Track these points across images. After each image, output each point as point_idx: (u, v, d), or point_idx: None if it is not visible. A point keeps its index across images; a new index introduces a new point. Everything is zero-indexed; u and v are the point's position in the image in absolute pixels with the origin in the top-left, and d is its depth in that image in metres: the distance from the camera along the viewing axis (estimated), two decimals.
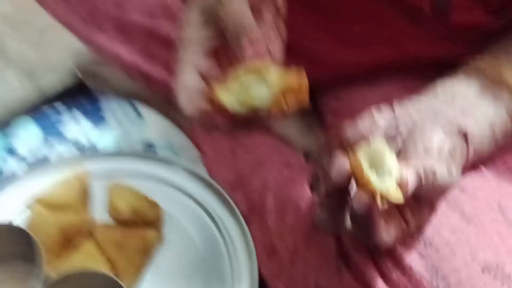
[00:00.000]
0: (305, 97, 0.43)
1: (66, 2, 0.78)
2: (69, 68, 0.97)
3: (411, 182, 0.39)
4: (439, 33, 0.61)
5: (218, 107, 0.44)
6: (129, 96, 0.89)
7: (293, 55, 0.69)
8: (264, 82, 0.42)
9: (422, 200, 0.43)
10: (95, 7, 0.76)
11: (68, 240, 0.62)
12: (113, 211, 0.66)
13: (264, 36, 0.48)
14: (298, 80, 0.43)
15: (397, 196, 0.37)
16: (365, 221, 0.39)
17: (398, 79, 0.68)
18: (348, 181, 0.39)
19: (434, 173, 0.41)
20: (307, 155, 0.48)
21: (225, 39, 0.48)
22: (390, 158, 0.38)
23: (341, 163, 0.38)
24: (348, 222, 0.42)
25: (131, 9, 0.75)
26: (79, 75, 0.94)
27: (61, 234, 0.62)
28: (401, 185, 0.38)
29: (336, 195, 0.40)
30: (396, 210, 0.43)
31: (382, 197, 0.37)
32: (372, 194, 0.37)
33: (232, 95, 0.43)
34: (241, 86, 0.43)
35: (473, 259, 0.45)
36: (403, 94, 0.66)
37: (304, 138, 0.78)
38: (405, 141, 0.45)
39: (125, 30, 0.77)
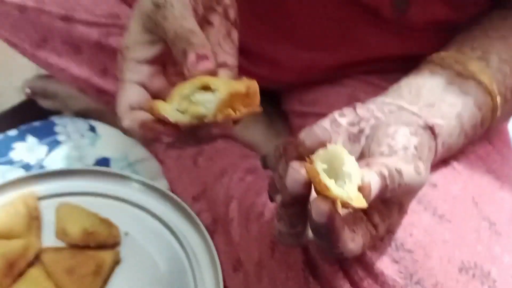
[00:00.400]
0: (254, 101, 0.39)
1: (9, 19, 0.74)
2: (19, 87, 0.92)
3: (374, 184, 0.35)
4: (400, 30, 0.59)
5: (160, 119, 0.39)
6: (82, 112, 0.85)
7: (253, 58, 0.67)
8: (209, 89, 0.38)
9: (390, 201, 0.40)
10: (40, 22, 0.73)
11: (12, 268, 0.56)
12: (61, 233, 0.60)
13: (213, 45, 0.43)
14: (246, 84, 0.38)
15: (359, 201, 0.33)
16: (327, 231, 0.34)
17: (363, 78, 0.65)
18: (305, 190, 0.34)
19: (400, 173, 0.37)
20: (264, 161, 0.43)
21: (167, 46, 0.43)
22: (348, 161, 0.34)
23: (296, 170, 0.34)
24: (310, 233, 0.37)
25: (79, 21, 0.71)
26: (28, 92, 0.89)
27: (3, 261, 0.56)
28: (363, 188, 0.34)
29: (293, 205, 0.36)
30: (362, 214, 0.39)
31: (343, 203, 0.33)
32: (332, 201, 0.33)
33: (174, 104, 0.38)
34: (183, 95, 0.38)
35: (449, 260, 0.42)
36: (368, 92, 0.64)
37: (271, 143, 0.74)
38: (368, 139, 0.42)
39: (73, 43, 0.73)
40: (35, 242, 0.61)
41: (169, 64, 0.45)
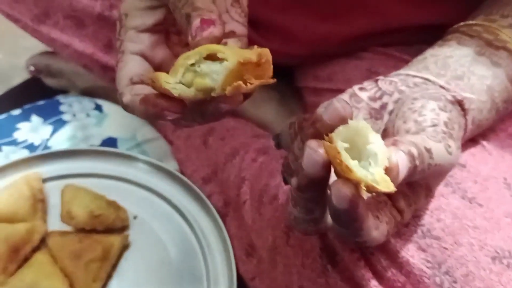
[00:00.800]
0: (267, 72, 0.34)
1: None
2: (18, 68, 0.89)
3: (403, 165, 0.32)
4: None
5: (163, 93, 0.35)
6: (88, 90, 0.82)
7: (264, 31, 0.63)
8: (216, 59, 0.33)
9: (417, 184, 0.37)
10: None
11: (16, 253, 0.54)
12: (66, 216, 0.58)
13: (220, 12, 0.39)
14: (257, 52, 0.34)
15: (385, 184, 0.30)
16: (349, 218, 0.31)
17: (381, 51, 0.62)
18: (324, 172, 0.31)
19: (429, 152, 0.34)
20: (278, 140, 0.39)
21: (170, 11, 0.39)
22: (374, 139, 0.30)
23: (314, 150, 0.30)
24: (328, 219, 0.34)
25: None
26: (32, 70, 0.86)
27: (8, 246, 0.54)
28: (390, 170, 0.31)
29: (311, 188, 0.32)
30: (386, 198, 0.36)
31: (367, 187, 0.29)
32: (355, 185, 0.30)
33: (177, 76, 0.34)
34: (187, 65, 0.34)
35: (481, 248, 0.38)
36: (388, 66, 0.60)
37: (284, 122, 0.71)
38: (392, 115, 0.39)
39: (76, 17, 0.70)
40: (40, 225, 0.59)
41: (172, 32, 0.41)
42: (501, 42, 0.44)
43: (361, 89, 0.41)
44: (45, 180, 0.64)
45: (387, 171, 0.30)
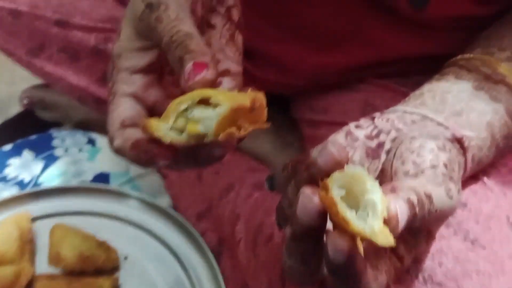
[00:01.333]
0: (261, 116, 0.33)
1: (2, 26, 0.70)
2: (17, 97, 0.88)
3: (402, 214, 0.30)
4: (418, 28, 0.55)
5: (155, 139, 0.34)
6: (83, 123, 0.81)
7: (258, 61, 0.62)
8: (209, 104, 0.32)
9: (418, 230, 0.35)
10: (35, 28, 0.69)
11: None
12: (55, 258, 0.56)
13: (215, 50, 0.38)
14: (251, 97, 0.32)
15: (384, 237, 0.28)
16: (346, 272, 0.29)
17: (378, 82, 0.61)
18: (319, 221, 0.29)
19: (430, 198, 0.32)
20: (271, 182, 0.37)
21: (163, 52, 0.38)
22: (372, 187, 0.29)
23: (308, 198, 0.29)
24: (325, 270, 0.32)
25: (75, 26, 0.67)
26: (26, 103, 0.85)
27: None
28: (389, 220, 0.29)
29: (306, 238, 0.31)
30: (385, 248, 0.33)
31: (366, 239, 0.28)
32: (352, 236, 0.28)
33: (169, 122, 0.33)
34: (179, 111, 0.33)
35: None
36: (385, 98, 0.59)
37: (280, 155, 0.70)
38: (389, 155, 0.38)
39: (70, 50, 0.69)
40: (27, 268, 0.57)
41: (166, 72, 0.40)
42: (500, 76, 0.42)
43: (357, 126, 0.39)
44: (34, 219, 0.62)
45: (386, 221, 0.29)
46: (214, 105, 0.32)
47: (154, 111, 0.39)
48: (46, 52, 0.70)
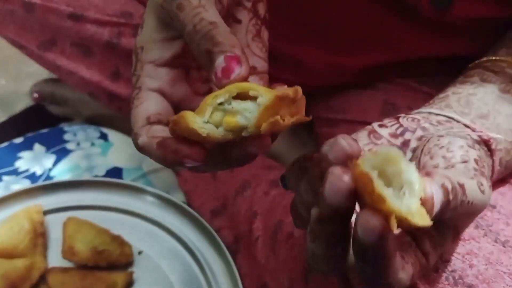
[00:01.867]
0: (301, 109, 0.31)
1: (14, 19, 0.69)
2: (22, 94, 0.88)
3: (437, 198, 0.29)
4: (440, 30, 0.54)
5: (187, 136, 0.31)
6: (93, 118, 0.80)
7: (276, 61, 0.61)
8: (246, 99, 0.30)
9: (445, 226, 0.34)
10: (48, 21, 0.68)
11: None
12: (68, 252, 0.55)
13: (241, 45, 0.36)
14: (294, 89, 0.30)
15: (421, 218, 0.27)
16: (376, 253, 0.28)
17: (398, 81, 0.60)
18: (349, 201, 0.28)
19: (462, 188, 0.31)
20: (284, 181, 0.36)
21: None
22: (408, 167, 0.27)
23: (338, 177, 0.27)
24: (350, 259, 0.31)
25: (89, 20, 0.66)
26: (36, 97, 0.84)
27: (5, 283, 0.51)
28: (425, 202, 0.28)
29: (333, 220, 0.29)
30: (410, 239, 0.33)
31: (400, 221, 0.27)
32: (385, 216, 0.26)
33: (206, 116, 0.30)
34: (215, 104, 0.30)
35: None
36: (406, 97, 0.58)
37: (296, 154, 0.68)
38: (416, 152, 0.37)
39: (83, 44, 0.69)
40: (40, 261, 0.56)
41: (192, 67, 0.38)
42: None
43: (381, 126, 0.39)
44: (46, 212, 0.61)
45: (422, 202, 0.27)
46: (253, 98, 0.30)
47: (180, 109, 0.36)
48: (58, 46, 0.70)
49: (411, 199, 0.27)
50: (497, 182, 0.42)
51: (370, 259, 0.28)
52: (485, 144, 0.38)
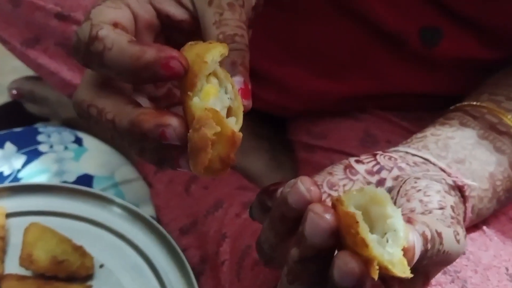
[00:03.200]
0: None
1: (1, 15, 0.69)
2: (4, 88, 0.86)
3: (418, 248, 0.28)
4: (426, 65, 0.54)
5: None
6: (70, 121, 0.79)
7: (259, 81, 0.61)
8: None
9: (416, 271, 0.33)
10: (34, 18, 0.67)
11: None
12: (26, 259, 0.53)
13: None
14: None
15: (402, 268, 0.26)
16: None
17: (379, 114, 0.60)
18: (333, 241, 0.27)
19: (440, 237, 0.31)
20: (251, 213, 0.35)
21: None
22: (393, 212, 0.27)
23: (319, 216, 0.26)
24: None
25: (75, 21, 0.66)
26: (14, 93, 0.82)
27: None
28: (407, 251, 0.27)
29: (316, 261, 0.28)
30: (380, 283, 0.32)
31: (380, 268, 0.26)
32: (364, 261, 0.26)
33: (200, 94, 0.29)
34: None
35: None
36: (385, 130, 0.58)
37: (273, 175, 0.68)
38: (392, 193, 0.36)
39: (67, 45, 0.67)
40: None
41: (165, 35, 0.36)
42: (505, 127, 0.42)
43: (357, 161, 0.38)
44: (8, 215, 0.59)
45: (404, 252, 0.27)
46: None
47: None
48: (42, 44, 0.69)
49: (395, 248, 0.26)
50: (469, 227, 0.42)
51: None
52: (459, 190, 0.38)
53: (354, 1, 0.51)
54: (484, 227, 0.43)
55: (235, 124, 0.30)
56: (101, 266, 0.57)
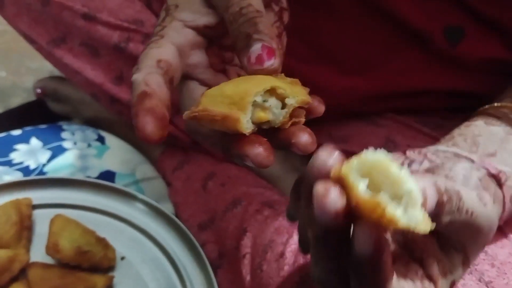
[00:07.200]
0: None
1: (30, 12, 0.70)
2: (20, 88, 0.88)
3: (431, 196, 0.28)
4: (450, 63, 0.55)
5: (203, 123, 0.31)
6: (92, 120, 0.81)
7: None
8: (273, 93, 0.31)
9: (452, 247, 0.33)
10: (61, 18, 0.69)
11: None
12: (52, 248, 0.55)
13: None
14: (317, 99, 0.34)
15: (425, 224, 0.26)
16: (373, 267, 0.27)
17: (400, 119, 0.60)
18: (342, 220, 0.26)
19: (458, 194, 0.30)
20: (288, 212, 0.36)
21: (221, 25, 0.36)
22: (402, 174, 0.26)
23: (323, 196, 0.26)
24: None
25: (101, 22, 0.67)
26: (39, 92, 0.85)
27: None
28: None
29: (330, 240, 0.28)
30: (417, 266, 0.32)
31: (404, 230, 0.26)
32: (383, 228, 0.26)
33: (248, 115, 0.30)
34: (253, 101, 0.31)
35: None
36: (407, 136, 0.58)
37: (287, 179, 0.69)
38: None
39: (92, 45, 0.69)
40: (23, 254, 0.55)
41: (216, 44, 0.38)
42: None
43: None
44: (34, 207, 0.60)
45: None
46: (278, 94, 0.31)
47: (187, 75, 0.37)
48: (68, 43, 0.70)
49: (415, 210, 0.26)
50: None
51: (367, 273, 0.27)
52: (494, 178, 0.37)
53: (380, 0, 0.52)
54: (502, 225, 0.43)
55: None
56: (123, 258, 0.59)
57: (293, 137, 0.32)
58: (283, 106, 0.32)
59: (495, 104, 0.44)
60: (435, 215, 0.28)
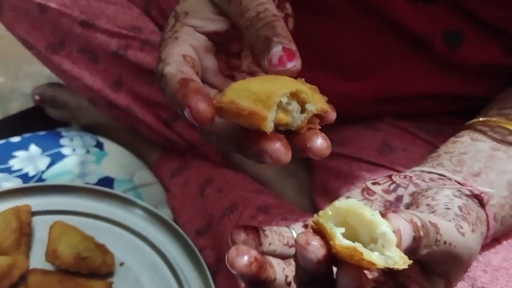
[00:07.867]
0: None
1: (28, 18, 0.71)
2: (18, 93, 0.89)
3: (406, 232, 0.29)
4: (449, 68, 0.55)
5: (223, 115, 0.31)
6: (90, 126, 0.81)
7: None
8: (295, 97, 0.31)
9: (434, 273, 0.34)
10: (60, 24, 0.69)
11: None
12: (52, 254, 0.55)
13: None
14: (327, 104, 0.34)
15: (403, 261, 0.27)
16: None
17: (398, 124, 0.61)
18: (324, 267, 0.28)
19: (436, 227, 0.31)
20: None
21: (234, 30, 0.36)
22: (375, 218, 0.28)
23: (304, 247, 0.28)
24: None
25: (99, 29, 0.68)
26: (37, 99, 0.85)
27: None
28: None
29: (315, 283, 0.30)
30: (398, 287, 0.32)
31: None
32: (364, 269, 0.28)
33: (273, 115, 0.31)
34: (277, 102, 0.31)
35: None
36: (404, 140, 0.59)
37: (283, 182, 0.70)
38: (409, 208, 0.37)
39: (90, 51, 0.70)
40: (22, 261, 0.56)
41: (225, 50, 0.39)
42: None
43: (374, 183, 0.39)
44: (34, 213, 0.61)
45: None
46: (303, 100, 0.32)
47: (201, 78, 0.37)
48: (66, 49, 0.71)
49: (391, 251, 0.27)
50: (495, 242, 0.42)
51: None
52: (477, 199, 0.38)
53: (379, 4, 0.52)
54: None
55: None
56: (121, 264, 0.59)
57: (308, 142, 0.32)
58: (302, 110, 0.32)
59: (481, 119, 0.45)
60: (413, 248, 0.29)
